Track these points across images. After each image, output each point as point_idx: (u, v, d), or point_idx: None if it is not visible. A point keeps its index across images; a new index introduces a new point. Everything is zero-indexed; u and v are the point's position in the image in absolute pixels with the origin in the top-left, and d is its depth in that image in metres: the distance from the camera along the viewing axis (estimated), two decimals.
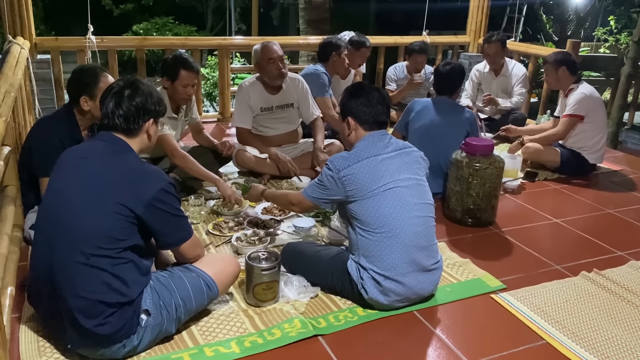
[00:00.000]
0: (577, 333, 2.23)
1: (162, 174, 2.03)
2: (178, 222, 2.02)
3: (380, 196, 2.23)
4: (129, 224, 1.89)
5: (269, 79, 3.74)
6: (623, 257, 2.92)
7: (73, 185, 1.92)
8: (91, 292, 1.83)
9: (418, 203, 2.30)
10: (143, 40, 5.68)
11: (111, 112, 2.00)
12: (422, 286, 2.29)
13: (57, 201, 1.93)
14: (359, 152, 2.31)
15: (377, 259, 2.22)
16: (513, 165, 3.87)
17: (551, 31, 11.84)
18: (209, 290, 2.10)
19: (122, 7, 11.84)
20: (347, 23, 9.41)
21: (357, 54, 4.64)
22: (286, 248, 2.58)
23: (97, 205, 1.87)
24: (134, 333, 1.91)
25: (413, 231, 2.24)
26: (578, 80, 4.05)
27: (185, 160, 3.18)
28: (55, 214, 1.92)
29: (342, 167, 2.27)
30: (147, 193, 1.90)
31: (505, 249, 2.98)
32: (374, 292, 2.23)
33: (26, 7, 4.24)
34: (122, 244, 1.87)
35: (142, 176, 1.94)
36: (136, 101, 2.02)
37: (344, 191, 2.26)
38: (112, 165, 1.95)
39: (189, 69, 3.26)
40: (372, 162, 2.27)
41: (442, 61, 4.05)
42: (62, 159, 2.04)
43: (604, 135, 4.12)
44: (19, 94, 3.16)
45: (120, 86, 2.04)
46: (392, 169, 2.28)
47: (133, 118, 2.01)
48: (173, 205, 1.98)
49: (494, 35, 4.85)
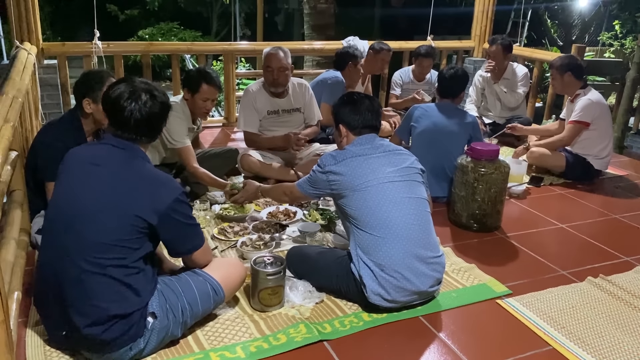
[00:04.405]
0: (583, 339, 2.22)
1: (175, 182, 2.02)
2: (191, 230, 2.02)
3: (366, 191, 2.30)
4: (143, 234, 1.88)
5: (267, 83, 3.82)
6: (629, 262, 2.91)
7: (88, 193, 1.89)
8: (104, 302, 1.83)
9: (408, 197, 2.34)
10: (149, 46, 5.72)
11: (135, 125, 1.95)
12: (422, 279, 2.28)
13: (70, 208, 1.90)
14: (347, 151, 2.42)
15: (373, 251, 2.25)
16: (518, 170, 3.86)
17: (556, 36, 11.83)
18: (215, 295, 2.11)
19: (128, 12, 11.90)
20: (352, 28, 9.43)
21: (378, 57, 4.74)
22: (291, 251, 2.59)
23: (113, 216, 1.85)
24: (140, 336, 1.92)
25: (405, 222, 2.28)
26: (585, 85, 4.04)
27: (197, 171, 3.30)
28: (67, 222, 1.88)
29: (328, 163, 2.39)
30: (162, 203, 1.89)
31: (510, 254, 2.97)
32: (372, 286, 2.23)
33: (33, 13, 4.27)
34: (137, 254, 1.88)
35: (157, 186, 1.93)
36: (160, 111, 2.00)
37: (329, 186, 2.38)
38: (126, 175, 1.92)
39: (211, 84, 3.31)
40: (359, 160, 2.37)
41: (446, 66, 4.06)
42: (70, 162, 2.01)
43: (610, 142, 4.11)
44: (26, 99, 3.18)
45: (139, 94, 1.96)
46: (378, 167, 2.36)
47: (157, 129, 2.04)
48: (187, 214, 1.98)
49: (497, 39, 4.86)
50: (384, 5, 14.01)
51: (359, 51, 4.48)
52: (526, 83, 4.97)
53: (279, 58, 3.73)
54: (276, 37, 11.61)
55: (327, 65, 5.08)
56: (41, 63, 4.38)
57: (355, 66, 4.41)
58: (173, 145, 3.29)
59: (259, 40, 10.54)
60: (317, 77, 4.60)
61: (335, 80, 4.35)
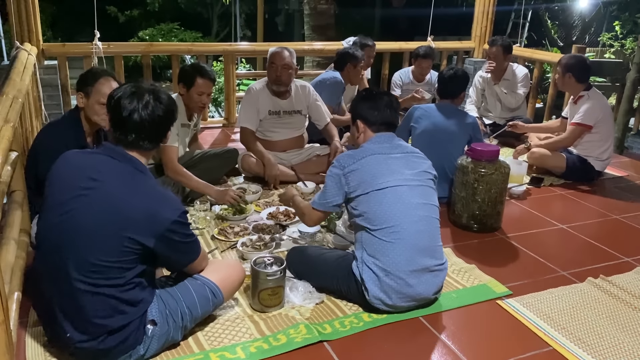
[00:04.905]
0: (584, 339, 2.22)
1: (175, 202, 1.91)
2: (188, 248, 1.97)
3: (382, 193, 2.27)
4: (138, 254, 1.83)
5: (269, 81, 3.80)
6: (630, 263, 2.91)
7: (85, 210, 1.80)
8: (99, 318, 1.82)
9: (421, 203, 2.32)
10: (149, 46, 5.72)
11: (138, 129, 1.87)
12: (425, 287, 2.28)
13: (66, 223, 1.81)
14: (365, 150, 2.38)
15: (380, 255, 2.23)
16: (519, 171, 3.86)
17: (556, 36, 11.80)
18: (214, 298, 2.10)
19: (128, 13, 11.90)
20: (352, 29, 9.45)
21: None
22: (291, 252, 2.59)
23: (109, 237, 1.78)
24: (140, 343, 1.91)
25: (415, 229, 2.26)
26: (589, 87, 4.03)
27: (177, 174, 3.18)
28: (62, 239, 1.81)
29: (347, 164, 2.34)
30: (161, 225, 1.81)
31: (511, 255, 2.97)
32: (375, 290, 2.23)
33: (33, 14, 4.27)
34: (133, 272, 1.84)
35: (156, 207, 1.82)
36: (164, 115, 1.90)
37: (347, 187, 2.32)
38: (125, 194, 1.81)
39: (205, 77, 3.32)
40: (377, 159, 2.33)
41: (446, 66, 4.07)
42: (64, 171, 1.90)
43: (611, 144, 4.11)
44: (26, 99, 3.18)
45: (142, 96, 1.88)
46: (396, 168, 2.33)
47: (159, 137, 1.94)
48: (185, 234, 1.91)
49: (498, 40, 4.87)
50: (384, 6, 14.01)
51: (360, 52, 4.48)
52: (526, 84, 4.97)
53: (283, 56, 3.73)
54: (276, 38, 11.62)
55: (327, 66, 5.07)
56: (41, 64, 4.38)
57: (354, 67, 4.40)
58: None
59: (259, 41, 10.54)
60: (316, 77, 4.60)
61: (334, 80, 4.34)
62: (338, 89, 4.36)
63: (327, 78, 4.37)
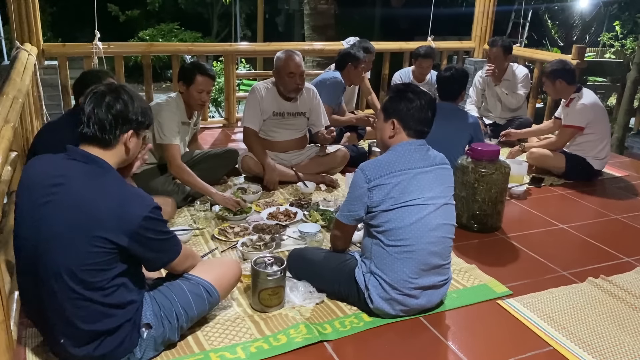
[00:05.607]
0: (584, 339, 2.22)
1: (145, 198, 1.84)
2: (165, 245, 1.90)
3: (406, 210, 2.18)
4: (114, 254, 1.76)
5: (284, 90, 3.77)
6: (630, 263, 2.91)
7: (53, 217, 1.75)
8: (86, 324, 1.79)
9: (441, 224, 2.25)
10: (149, 47, 5.72)
11: (87, 118, 1.83)
12: (428, 299, 2.29)
13: (36, 233, 1.77)
14: (393, 163, 2.23)
15: (389, 270, 2.20)
16: (519, 171, 3.86)
17: (556, 36, 11.81)
18: (209, 297, 2.09)
19: (128, 13, 11.92)
20: (352, 29, 9.45)
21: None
22: (292, 254, 2.56)
23: (80, 240, 1.72)
24: (135, 346, 1.90)
25: (430, 250, 2.22)
26: (579, 88, 4.03)
27: (182, 172, 3.20)
28: (35, 247, 1.77)
29: (373, 176, 2.20)
30: (131, 223, 1.75)
31: (511, 255, 2.97)
32: (379, 302, 2.23)
33: (34, 14, 4.27)
34: (112, 273, 1.78)
35: (125, 204, 1.76)
36: (116, 108, 1.83)
37: (369, 201, 2.21)
38: (91, 193, 1.76)
39: (205, 74, 3.33)
40: (405, 176, 2.21)
41: (443, 68, 4.06)
42: (32, 180, 1.85)
43: (608, 143, 4.11)
44: (26, 99, 3.18)
45: (101, 90, 1.86)
46: (425, 184, 2.23)
47: (110, 127, 1.83)
48: (159, 230, 1.84)
49: (498, 41, 4.87)
50: (384, 6, 14.00)
51: (361, 53, 4.47)
52: (527, 84, 4.97)
53: (298, 63, 3.70)
54: (277, 38, 11.63)
55: (327, 66, 5.06)
56: (42, 64, 4.39)
57: (355, 68, 4.39)
58: (162, 140, 3.25)
59: (259, 41, 10.54)
60: (317, 77, 4.59)
61: (334, 80, 4.34)
62: (338, 89, 4.36)
63: (327, 78, 4.37)
